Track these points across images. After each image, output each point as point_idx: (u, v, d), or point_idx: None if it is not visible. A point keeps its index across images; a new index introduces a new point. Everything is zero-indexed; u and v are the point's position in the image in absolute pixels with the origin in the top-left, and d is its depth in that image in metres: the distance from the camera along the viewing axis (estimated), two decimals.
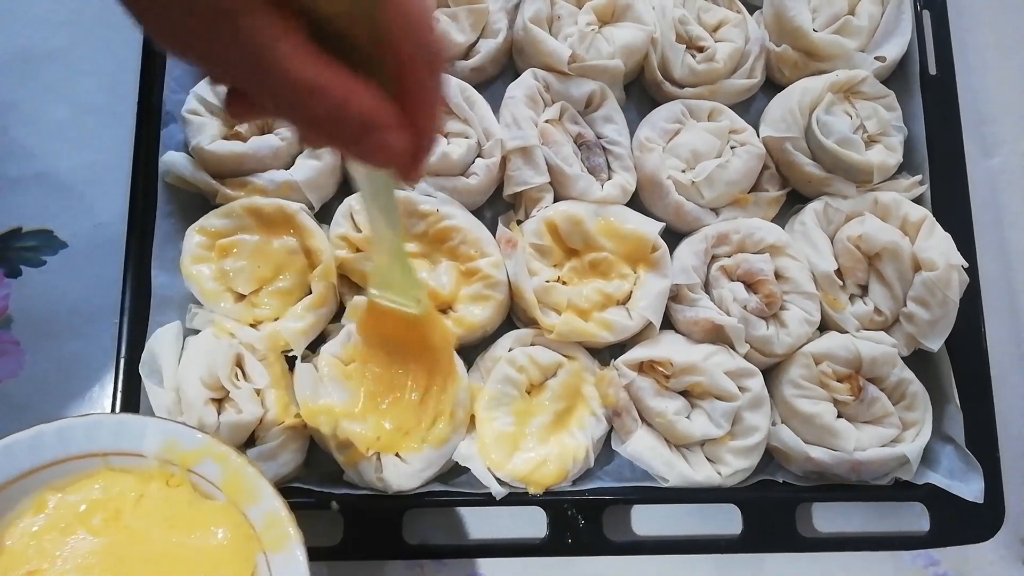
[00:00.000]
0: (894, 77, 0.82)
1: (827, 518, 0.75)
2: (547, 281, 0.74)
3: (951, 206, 0.78)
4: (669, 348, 0.72)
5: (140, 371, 0.69)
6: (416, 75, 0.39)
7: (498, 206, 0.80)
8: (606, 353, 0.75)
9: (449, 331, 0.69)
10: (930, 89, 0.81)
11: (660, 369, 0.72)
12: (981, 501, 0.71)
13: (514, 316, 0.77)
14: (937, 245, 0.73)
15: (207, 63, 0.38)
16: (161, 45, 0.38)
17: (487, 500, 0.70)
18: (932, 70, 0.81)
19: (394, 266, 0.57)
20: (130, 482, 0.58)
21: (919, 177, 0.78)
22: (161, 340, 0.70)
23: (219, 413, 0.68)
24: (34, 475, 0.57)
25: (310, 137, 0.40)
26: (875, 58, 0.79)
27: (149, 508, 0.58)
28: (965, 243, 0.76)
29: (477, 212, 0.78)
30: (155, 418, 0.60)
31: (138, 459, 0.58)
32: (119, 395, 0.70)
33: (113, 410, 0.70)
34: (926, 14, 0.83)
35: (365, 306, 0.64)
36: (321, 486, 0.70)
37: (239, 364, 0.70)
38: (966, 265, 0.73)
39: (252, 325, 0.71)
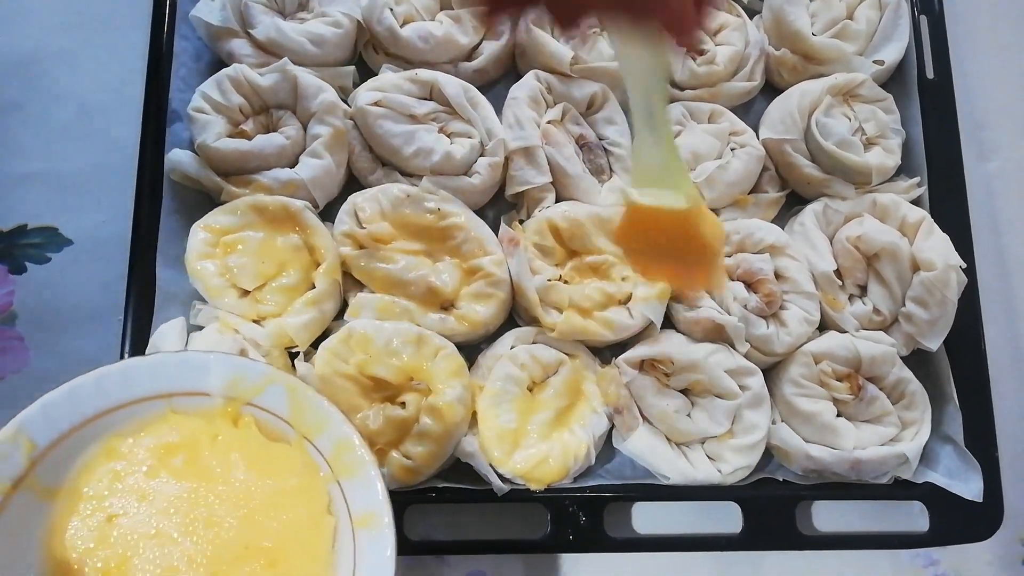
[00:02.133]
0: (892, 81, 0.83)
1: (827, 517, 0.76)
2: (549, 280, 0.74)
3: (949, 208, 0.79)
4: (670, 346, 0.73)
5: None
6: None
7: (500, 206, 0.80)
8: (607, 352, 0.76)
9: (720, 225, 0.62)
10: (928, 93, 0.81)
11: (661, 367, 0.72)
12: (980, 500, 0.71)
13: (516, 314, 0.78)
14: (935, 246, 0.74)
15: None
16: None
17: (489, 496, 0.70)
18: (930, 74, 0.82)
19: (662, 157, 0.54)
20: (200, 423, 0.58)
21: (917, 179, 0.79)
22: (165, 336, 0.70)
23: None
24: (100, 419, 0.56)
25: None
26: (873, 62, 0.80)
27: (224, 449, 0.57)
28: (963, 244, 0.77)
29: (480, 211, 0.78)
30: (217, 353, 0.58)
31: (203, 399, 0.57)
32: None
33: None
34: (923, 19, 0.84)
35: (625, 211, 0.59)
36: None
37: None
38: (964, 266, 0.74)
39: (256, 321, 0.71)
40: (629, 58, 0.47)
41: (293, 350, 0.72)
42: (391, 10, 0.78)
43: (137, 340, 0.71)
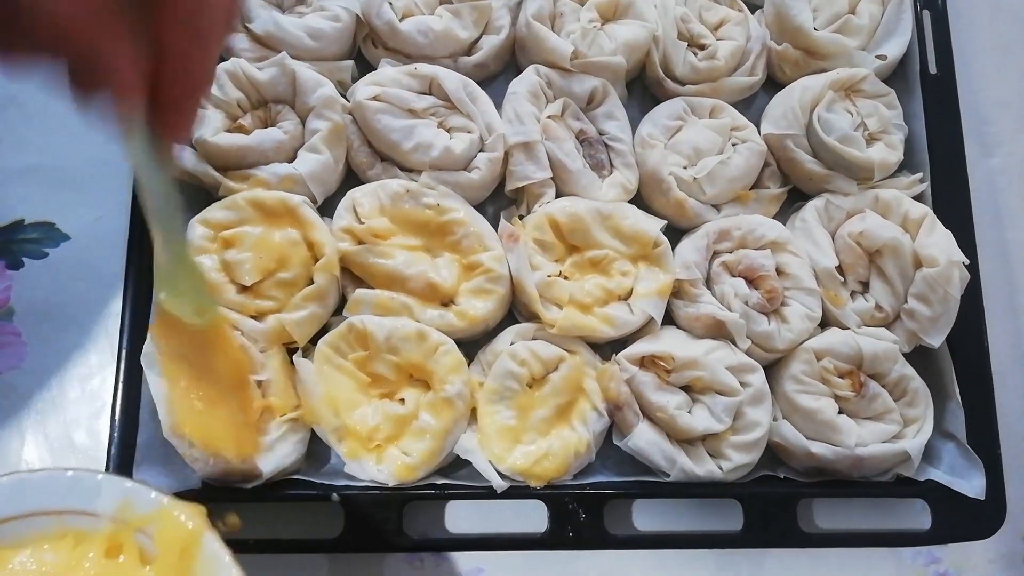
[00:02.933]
0: (895, 76, 0.83)
1: (828, 514, 0.75)
2: (549, 276, 0.74)
3: (951, 204, 0.78)
4: (670, 343, 0.73)
5: (142, 361, 0.69)
6: (178, 38, 0.37)
7: (500, 201, 0.80)
8: (607, 348, 0.76)
9: (243, 357, 0.62)
10: (930, 88, 0.81)
11: (661, 364, 0.72)
12: (983, 498, 0.71)
13: (515, 311, 0.77)
14: (938, 242, 0.73)
15: None
16: None
17: (488, 493, 0.69)
18: (932, 69, 0.82)
19: (174, 266, 0.51)
20: (71, 550, 0.55)
21: (920, 175, 0.78)
22: None
23: None
24: None
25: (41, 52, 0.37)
26: (876, 56, 0.80)
27: None
28: (966, 240, 0.76)
29: (479, 207, 0.78)
30: (109, 475, 0.55)
31: (91, 519, 0.54)
32: (120, 386, 0.70)
33: (114, 402, 0.70)
34: (926, 14, 0.83)
35: (158, 311, 0.55)
36: (322, 478, 0.70)
37: None
38: (967, 262, 0.73)
39: (254, 317, 0.71)
40: (128, 147, 0.44)
41: (292, 346, 0.72)
42: (390, 4, 0.78)
43: (134, 335, 0.71)
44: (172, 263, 0.50)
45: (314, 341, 0.72)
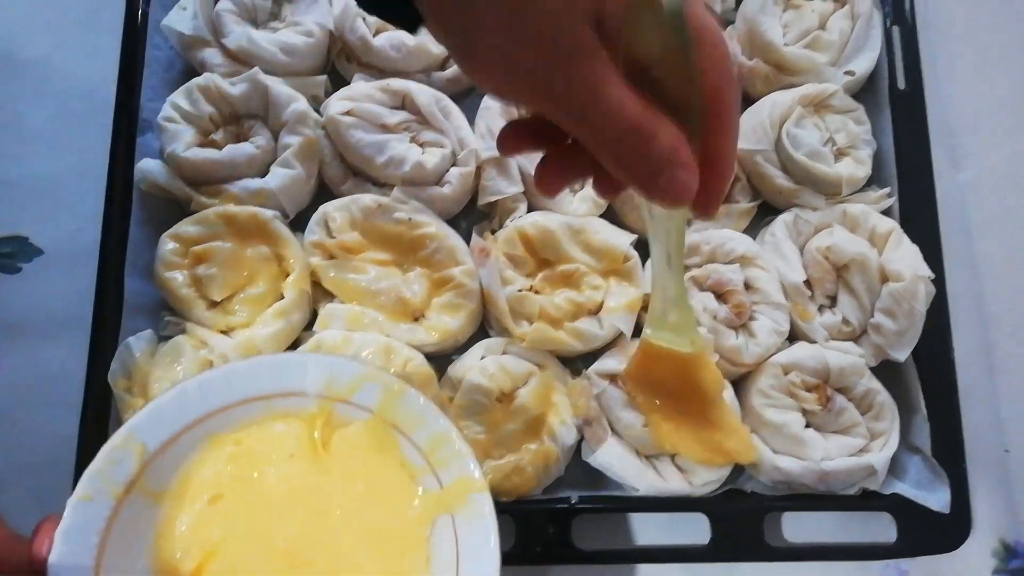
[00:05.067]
0: (864, 91, 0.83)
1: (796, 527, 0.76)
2: (520, 290, 0.74)
3: (919, 218, 0.79)
4: None
5: (109, 380, 0.69)
6: (727, 113, 0.42)
7: (474, 215, 0.80)
8: (578, 361, 0.76)
9: (719, 375, 0.67)
10: (899, 103, 0.81)
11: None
12: (947, 511, 0.71)
13: (487, 325, 0.78)
14: (904, 257, 0.74)
15: (538, 103, 0.41)
16: (492, 86, 0.42)
17: None
18: (901, 85, 0.82)
19: (674, 305, 0.57)
20: (303, 421, 0.59)
21: (888, 190, 0.79)
22: (132, 349, 0.70)
23: None
24: (205, 422, 0.57)
25: (616, 177, 0.43)
26: (844, 72, 0.80)
27: (328, 446, 0.59)
28: (933, 255, 0.77)
29: (453, 221, 0.78)
30: (313, 354, 0.61)
31: (299, 399, 0.59)
32: (90, 404, 0.70)
33: (83, 421, 0.70)
34: (895, 29, 0.84)
35: (639, 347, 0.63)
36: None
37: None
38: (933, 277, 0.74)
39: (224, 332, 0.71)
40: (654, 212, 0.50)
41: None
42: (363, 19, 0.78)
43: (105, 351, 0.71)
44: (671, 301, 0.57)
45: None
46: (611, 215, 0.79)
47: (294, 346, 0.73)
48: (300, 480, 0.58)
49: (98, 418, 0.71)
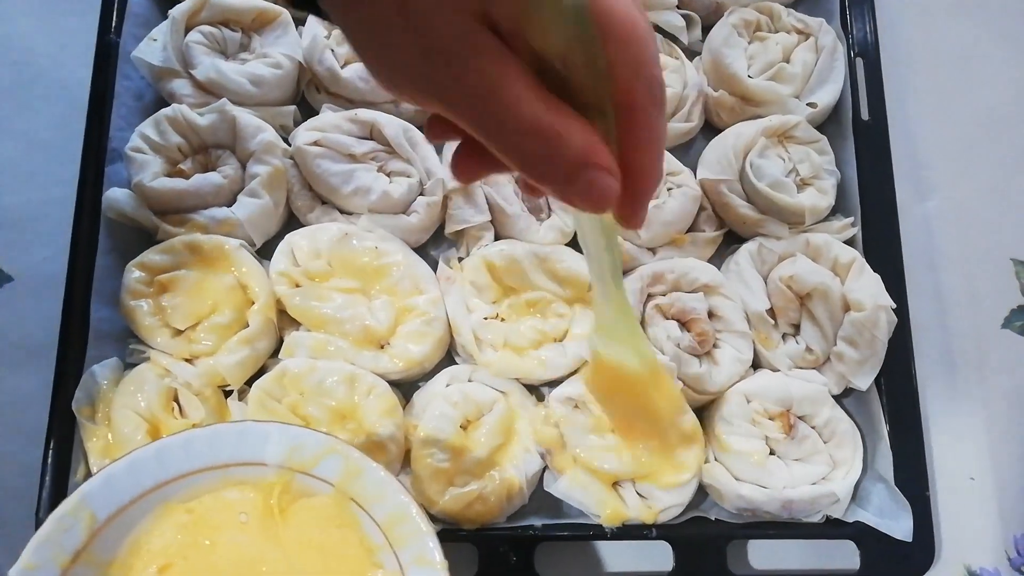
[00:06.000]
0: (829, 122, 0.85)
1: (761, 555, 0.76)
2: (485, 318, 0.75)
3: (882, 248, 0.80)
4: None
5: (73, 408, 0.69)
6: (641, 113, 0.38)
7: (442, 244, 0.81)
8: (543, 389, 0.76)
9: (677, 393, 0.65)
10: (862, 134, 0.83)
11: (592, 406, 0.73)
12: (910, 540, 0.72)
13: (454, 352, 0.78)
14: (866, 286, 0.75)
15: (432, 105, 0.38)
16: (390, 88, 0.39)
17: None
18: (865, 116, 0.84)
19: (615, 318, 0.54)
20: (258, 492, 0.58)
21: (851, 219, 0.80)
22: (96, 377, 0.71)
23: None
24: (159, 490, 0.57)
25: (529, 181, 0.40)
26: (807, 104, 0.82)
27: (282, 517, 0.58)
28: (896, 284, 0.78)
29: (422, 249, 0.79)
30: (276, 423, 0.59)
31: (258, 468, 0.58)
32: (54, 431, 0.71)
33: (47, 447, 0.70)
34: (859, 61, 0.85)
35: (590, 357, 0.59)
36: None
37: (175, 399, 0.71)
38: (894, 306, 0.75)
39: (189, 360, 0.72)
40: (579, 219, 0.47)
41: (227, 388, 0.72)
42: (332, 51, 0.80)
43: (70, 379, 0.71)
44: (612, 316, 0.53)
45: (250, 383, 0.72)
46: (576, 243, 0.80)
47: (260, 373, 0.73)
48: (252, 549, 0.57)
49: (62, 446, 0.70)
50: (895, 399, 0.76)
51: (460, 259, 0.78)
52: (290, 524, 0.58)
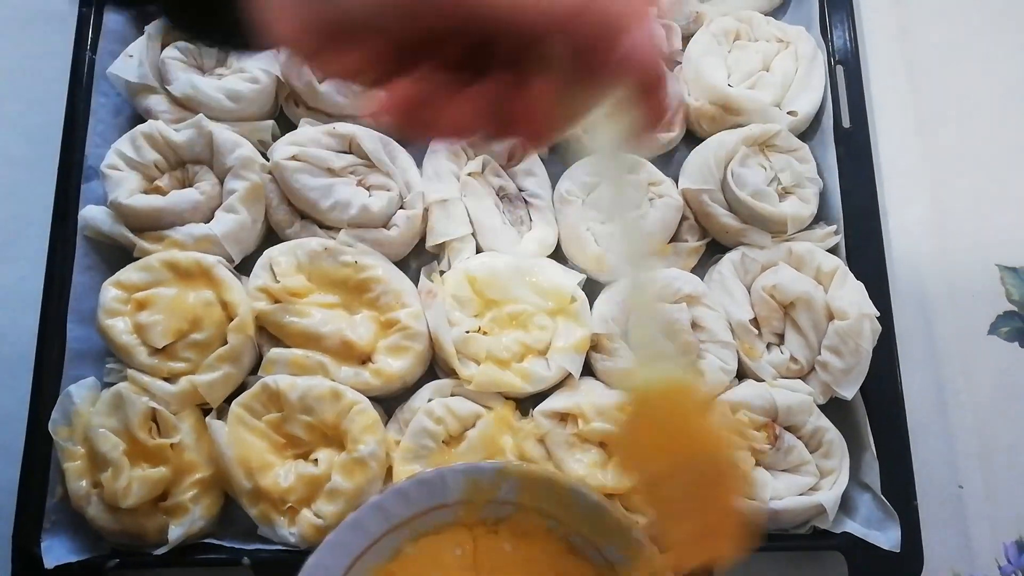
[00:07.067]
0: (810, 131, 0.84)
1: (749, 567, 0.75)
2: (467, 332, 0.74)
3: (866, 256, 0.79)
4: (585, 398, 0.73)
5: (50, 428, 0.68)
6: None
7: (424, 257, 0.80)
8: (527, 403, 0.76)
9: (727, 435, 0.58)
10: (843, 142, 0.82)
11: (575, 420, 0.72)
12: (898, 550, 0.71)
13: (436, 367, 0.77)
14: (849, 295, 0.74)
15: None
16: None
17: None
18: (846, 123, 0.83)
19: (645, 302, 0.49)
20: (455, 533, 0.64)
21: (834, 227, 0.80)
22: (73, 397, 0.70)
23: (132, 467, 0.68)
24: (361, 559, 0.62)
25: (556, 63, 0.36)
26: (787, 112, 0.81)
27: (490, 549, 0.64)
28: (879, 292, 0.77)
29: (403, 263, 0.79)
30: (450, 468, 0.63)
31: (443, 511, 0.63)
32: (31, 451, 0.70)
33: (24, 469, 0.70)
34: (839, 69, 0.85)
35: (630, 404, 0.52)
36: (237, 541, 0.70)
37: (153, 418, 0.70)
38: (878, 314, 0.74)
39: (167, 379, 0.71)
40: (598, 154, 0.45)
41: (206, 406, 0.72)
42: None
43: (46, 399, 0.71)
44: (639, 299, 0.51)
45: (230, 401, 0.72)
46: (559, 256, 0.80)
47: (240, 391, 0.72)
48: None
49: (39, 466, 0.70)
50: (881, 408, 0.75)
51: (441, 272, 0.78)
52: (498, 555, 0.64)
